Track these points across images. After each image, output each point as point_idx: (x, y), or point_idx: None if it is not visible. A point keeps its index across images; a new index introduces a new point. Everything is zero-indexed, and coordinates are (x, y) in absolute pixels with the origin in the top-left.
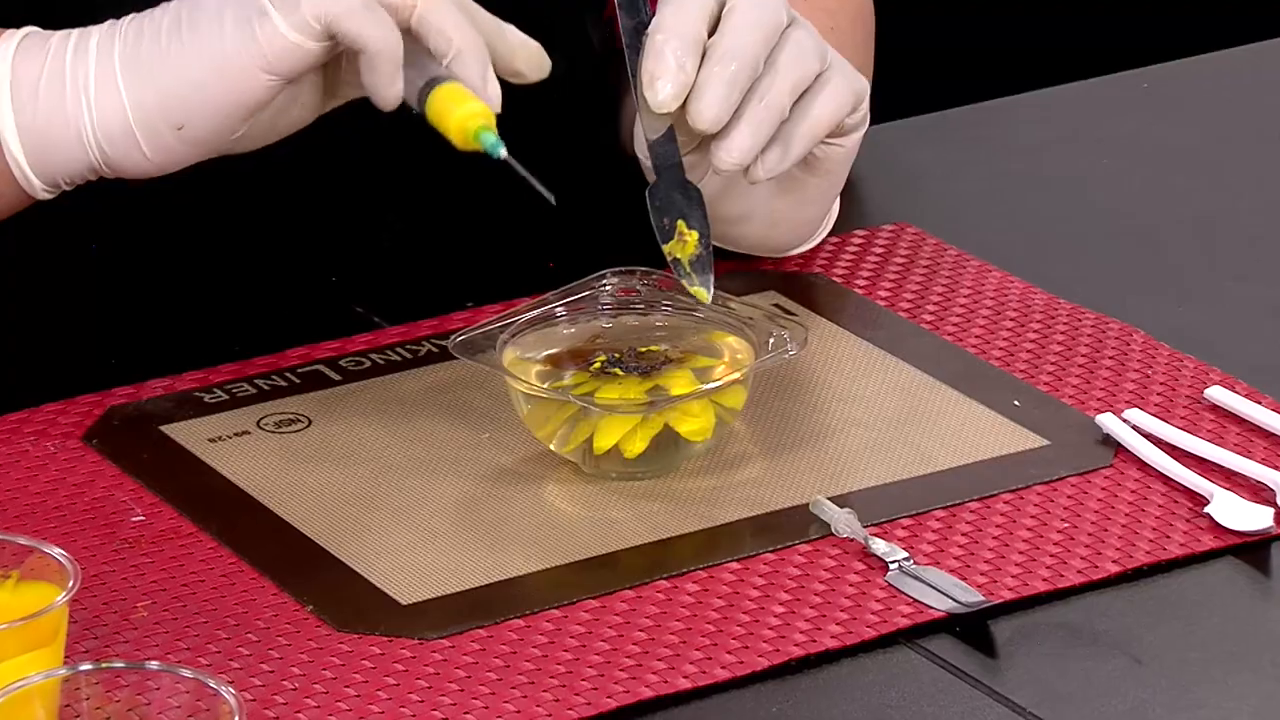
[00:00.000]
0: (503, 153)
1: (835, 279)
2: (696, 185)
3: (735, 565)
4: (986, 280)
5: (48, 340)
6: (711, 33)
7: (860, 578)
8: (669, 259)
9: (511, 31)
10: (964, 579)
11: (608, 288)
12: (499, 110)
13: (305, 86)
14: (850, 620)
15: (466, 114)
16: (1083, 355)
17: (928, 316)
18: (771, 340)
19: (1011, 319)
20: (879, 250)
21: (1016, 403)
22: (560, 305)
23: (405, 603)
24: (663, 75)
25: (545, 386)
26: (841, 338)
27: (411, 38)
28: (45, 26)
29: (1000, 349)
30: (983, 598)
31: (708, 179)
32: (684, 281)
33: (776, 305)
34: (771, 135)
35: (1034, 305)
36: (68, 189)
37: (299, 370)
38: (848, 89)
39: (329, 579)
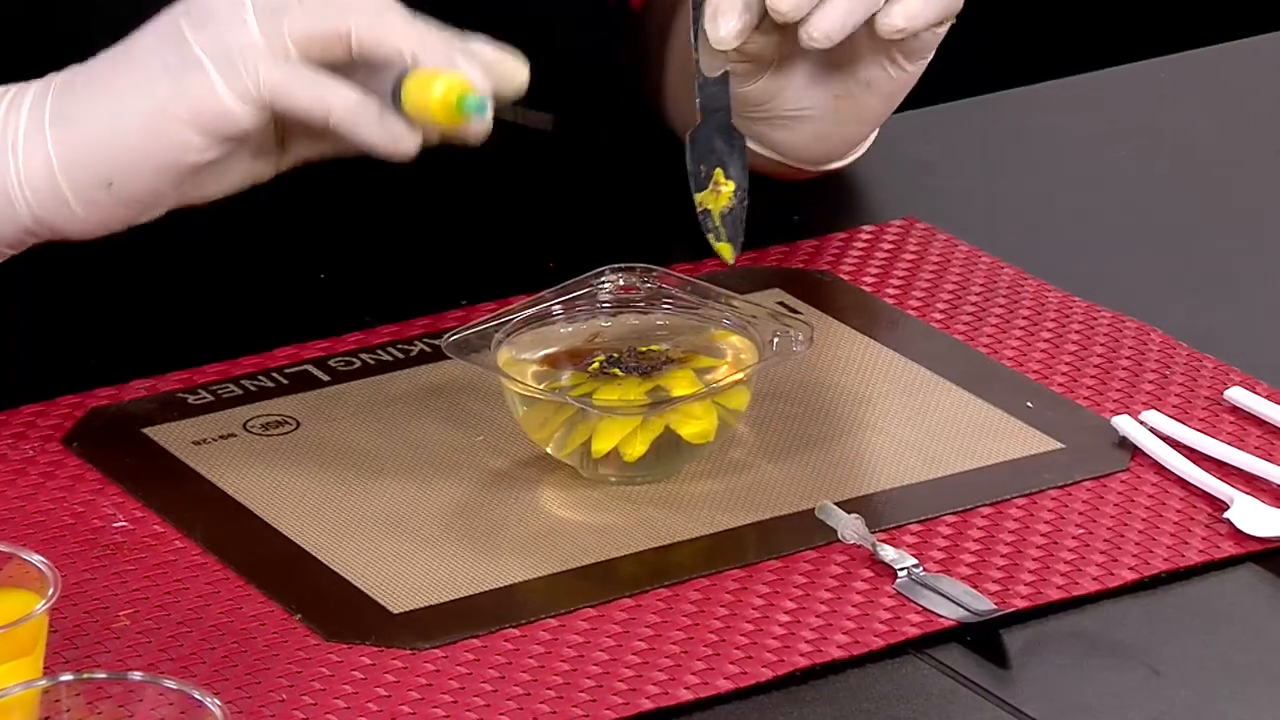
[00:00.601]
0: (489, 111)
1: (842, 276)
2: (741, 132)
3: (738, 572)
4: (999, 277)
5: (26, 339)
6: None
7: (868, 585)
8: (699, 210)
9: (479, 43)
10: (975, 587)
11: (607, 285)
12: (483, 86)
13: (249, 148)
14: (857, 630)
15: (445, 89)
16: (1098, 355)
17: (938, 315)
18: (776, 340)
19: (1025, 317)
20: (887, 246)
21: (1029, 404)
22: (557, 303)
23: (396, 611)
24: (726, 10)
25: (541, 387)
26: (848, 337)
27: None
28: (44, 25)
29: (1013, 349)
30: (995, 606)
31: (769, 76)
32: (710, 236)
33: (781, 303)
34: (865, 19)
35: (1048, 303)
36: (13, 253)
37: (287, 371)
38: None
39: (318, 587)
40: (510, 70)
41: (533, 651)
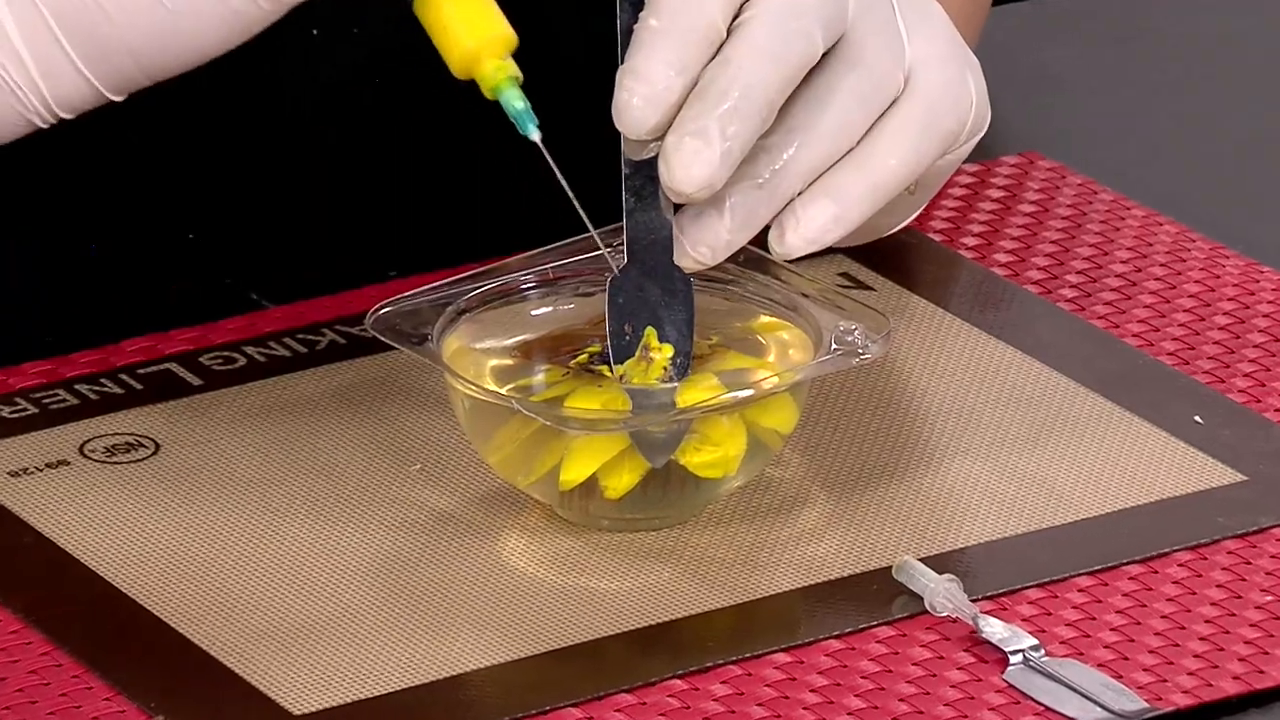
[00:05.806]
0: (534, 134)
1: (933, 236)
2: (686, 274)
3: (783, 657)
4: (1155, 237)
5: None
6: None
7: (967, 675)
8: (622, 384)
9: None
10: (1119, 677)
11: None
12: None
13: None
14: None
15: (492, 59)
16: None
17: (1068, 291)
18: (837, 332)
19: (1192, 295)
20: (997, 193)
21: (1198, 419)
22: (533, 272)
23: (298, 713)
24: (639, 91)
25: (503, 390)
26: (941, 324)
27: None
28: None
29: (1175, 340)
30: (1146, 705)
31: None
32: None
33: (845, 275)
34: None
35: (1225, 275)
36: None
37: (140, 371)
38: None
39: (186, 676)
40: None
41: None
